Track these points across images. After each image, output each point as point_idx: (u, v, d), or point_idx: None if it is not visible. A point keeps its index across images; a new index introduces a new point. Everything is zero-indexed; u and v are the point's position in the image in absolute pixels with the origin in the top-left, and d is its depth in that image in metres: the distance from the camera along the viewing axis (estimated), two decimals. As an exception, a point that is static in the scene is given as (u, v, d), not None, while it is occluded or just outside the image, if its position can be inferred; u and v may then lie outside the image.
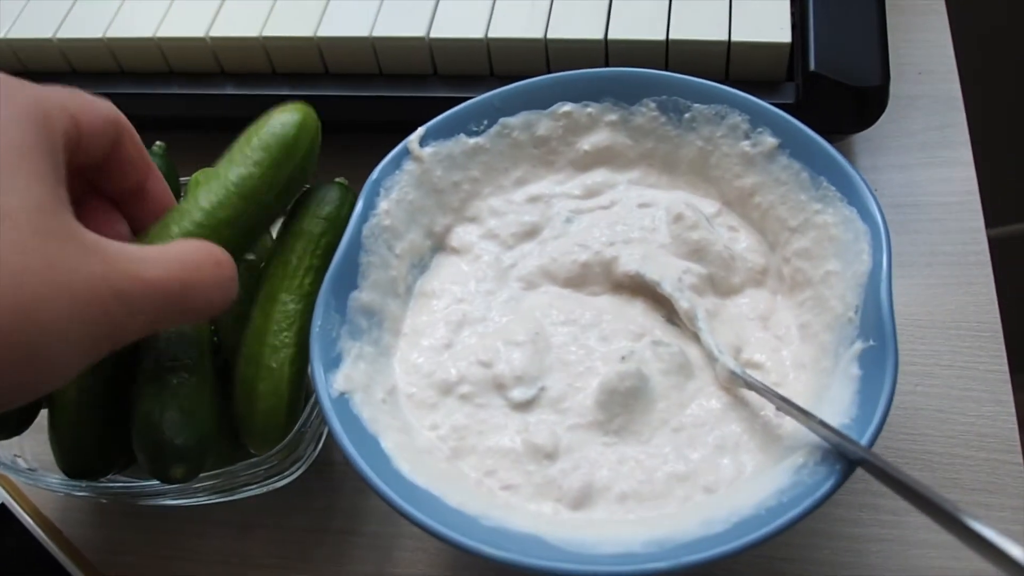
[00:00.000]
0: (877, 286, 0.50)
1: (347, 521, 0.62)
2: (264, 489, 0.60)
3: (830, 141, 0.69)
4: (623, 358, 0.53)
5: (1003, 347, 0.63)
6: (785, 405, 0.49)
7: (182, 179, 0.66)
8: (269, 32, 0.72)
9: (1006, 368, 0.62)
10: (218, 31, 0.73)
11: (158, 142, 0.65)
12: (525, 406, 0.53)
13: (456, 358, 0.56)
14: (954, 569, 0.56)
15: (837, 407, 0.48)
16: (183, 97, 0.75)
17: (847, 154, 0.72)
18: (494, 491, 0.50)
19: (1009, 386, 0.62)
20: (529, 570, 0.44)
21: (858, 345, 0.49)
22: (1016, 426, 0.60)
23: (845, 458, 0.45)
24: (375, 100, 0.71)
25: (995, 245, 0.68)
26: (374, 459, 0.49)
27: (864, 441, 0.45)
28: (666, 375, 0.53)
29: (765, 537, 0.43)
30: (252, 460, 0.57)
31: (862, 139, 0.73)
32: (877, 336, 0.48)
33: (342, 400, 0.51)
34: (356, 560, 0.61)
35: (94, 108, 0.46)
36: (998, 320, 0.64)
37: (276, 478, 0.60)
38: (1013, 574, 0.34)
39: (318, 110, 0.71)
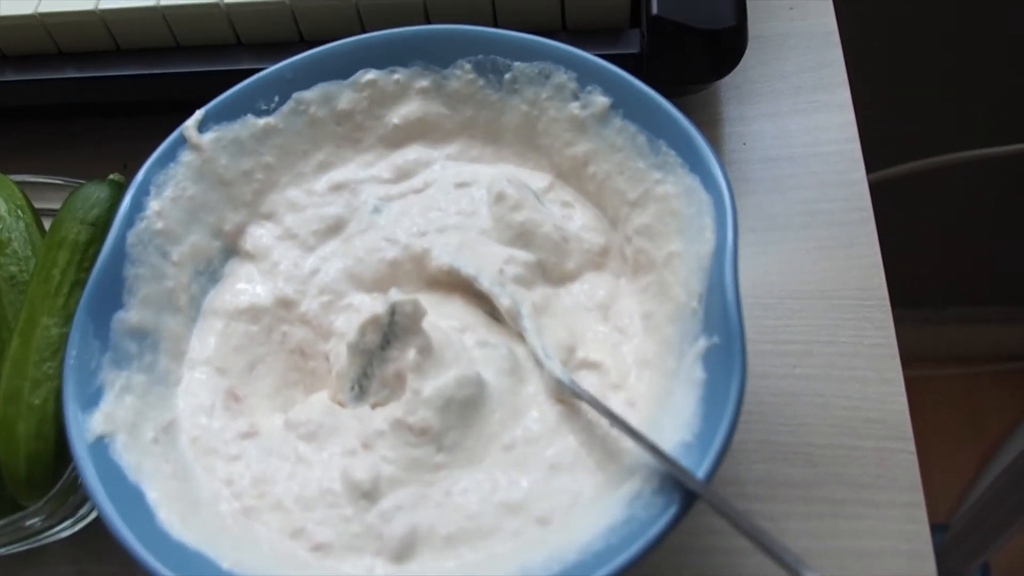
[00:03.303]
0: (721, 270, 0.42)
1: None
2: (52, 539, 0.52)
3: (689, 92, 0.62)
4: None
5: (890, 317, 0.56)
6: (617, 423, 0.41)
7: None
8: (47, 8, 0.62)
9: (894, 342, 0.55)
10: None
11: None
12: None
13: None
14: (837, 582, 0.49)
15: (680, 418, 0.41)
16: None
17: (712, 104, 0.64)
18: (298, 553, 0.42)
19: (897, 361, 0.54)
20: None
21: (702, 342, 0.42)
22: (906, 407, 0.53)
23: (685, 487, 0.38)
24: (171, 77, 0.62)
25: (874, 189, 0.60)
26: (134, 516, 0.41)
27: (702, 470, 0.37)
28: (498, 379, 0.45)
29: (586, 594, 0.36)
30: (18, 515, 0.49)
31: (728, 86, 0.65)
32: (722, 332, 0.41)
33: (100, 446, 0.43)
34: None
35: None
36: (883, 285, 0.56)
37: (61, 526, 0.51)
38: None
39: (107, 91, 0.62)
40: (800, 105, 0.64)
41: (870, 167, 0.61)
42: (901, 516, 0.50)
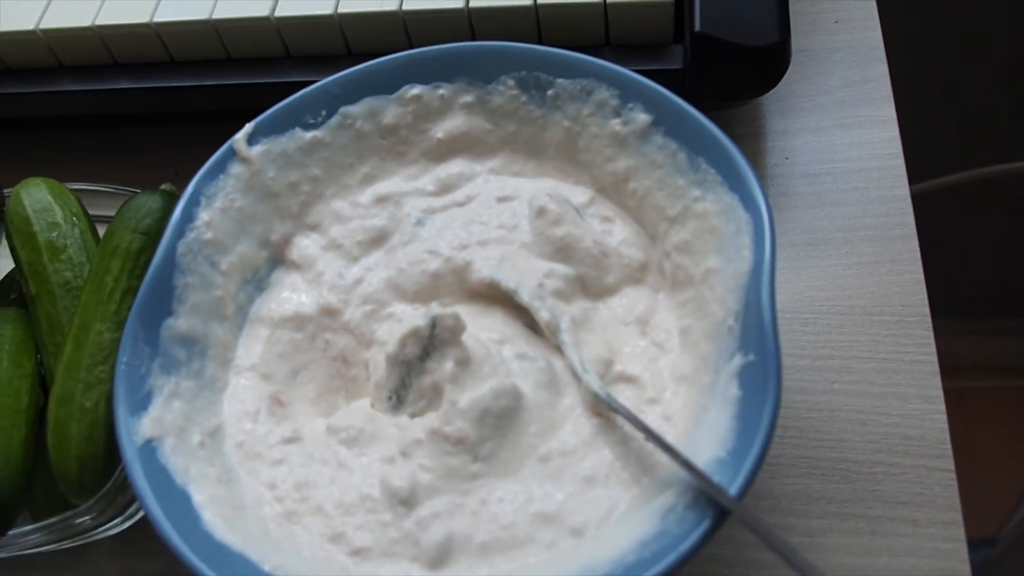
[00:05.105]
0: (758, 289, 0.42)
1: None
2: (100, 536, 0.53)
3: (732, 107, 0.62)
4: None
5: (931, 334, 0.55)
6: (652, 438, 0.42)
7: (6, 190, 0.58)
8: (104, 20, 0.64)
9: (934, 359, 0.55)
10: (49, 22, 0.65)
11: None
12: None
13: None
14: (872, 601, 0.49)
15: (714, 435, 0.41)
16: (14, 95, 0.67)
17: (754, 117, 0.64)
18: (337, 557, 0.43)
19: (938, 379, 0.54)
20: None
21: (737, 360, 0.42)
22: (946, 425, 0.53)
23: (717, 503, 0.38)
24: (222, 89, 0.63)
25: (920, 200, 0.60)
26: (180, 517, 0.43)
27: (735, 487, 0.38)
28: (535, 392, 0.46)
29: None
30: (69, 513, 0.50)
31: (772, 100, 0.65)
32: (758, 350, 0.41)
33: (148, 449, 0.44)
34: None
35: None
36: (925, 302, 0.56)
37: (110, 524, 0.53)
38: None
39: (160, 101, 0.64)
40: (844, 120, 0.64)
41: (916, 178, 0.61)
42: (938, 535, 0.50)
